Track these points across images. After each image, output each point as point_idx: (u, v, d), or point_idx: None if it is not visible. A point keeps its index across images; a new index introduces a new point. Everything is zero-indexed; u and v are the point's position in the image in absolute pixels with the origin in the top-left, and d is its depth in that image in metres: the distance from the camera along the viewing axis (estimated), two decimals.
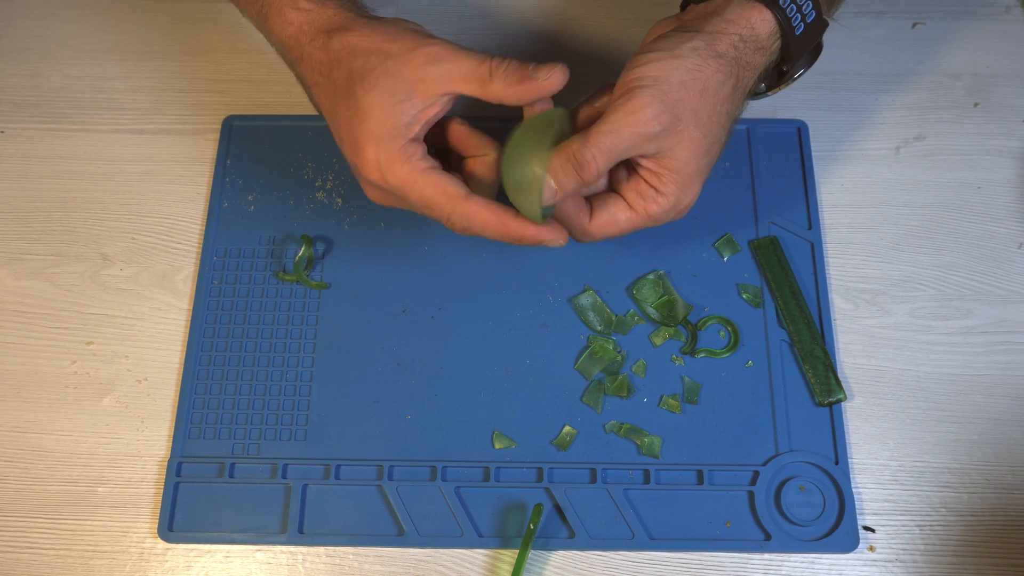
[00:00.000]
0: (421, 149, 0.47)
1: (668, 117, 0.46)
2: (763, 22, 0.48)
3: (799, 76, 0.52)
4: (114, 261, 0.62)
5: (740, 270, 0.60)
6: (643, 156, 0.47)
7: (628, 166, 0.50)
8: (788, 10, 0.48)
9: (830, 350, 0.57)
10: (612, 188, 0.51)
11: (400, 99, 0.46)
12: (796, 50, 0.50)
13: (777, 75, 0.53)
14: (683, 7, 0.53)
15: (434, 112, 0.47)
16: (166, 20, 0.71)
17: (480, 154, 0.50)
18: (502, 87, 0.46)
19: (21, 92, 0.68)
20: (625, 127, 0.45)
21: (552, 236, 0.48)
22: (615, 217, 0.49)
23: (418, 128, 0.46)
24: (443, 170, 0.47)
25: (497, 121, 0.51)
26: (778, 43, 0.50)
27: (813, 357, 0.57)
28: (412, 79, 0.46)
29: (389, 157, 0.46)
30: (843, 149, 0.65)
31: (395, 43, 0.47)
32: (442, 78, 0.46)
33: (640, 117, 0.45)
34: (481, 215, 0.47)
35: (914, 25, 0.69)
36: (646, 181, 0.48)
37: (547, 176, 0.46)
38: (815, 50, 0.52)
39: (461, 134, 0.50)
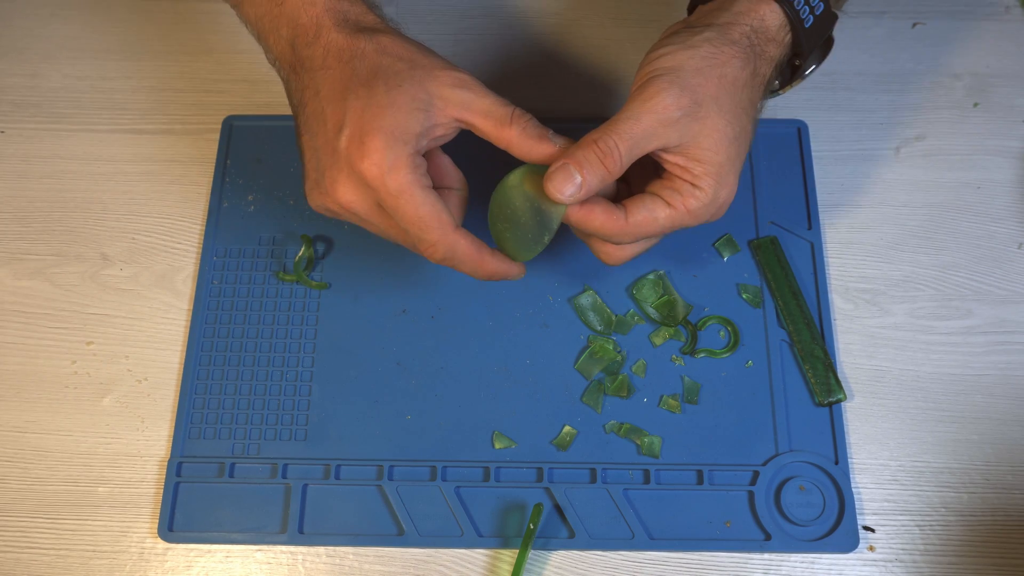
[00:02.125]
0: (424, 165, 0.46)
1: (687, 102, 0.45)
2: (772, 14, 0.49)
3: (811, 72, 0.52)
4: (114, 261, 0.62)
5: (740, 270, 0.60)
6: (668, 151, 0.47)
7: (658, 168, 0.49)
8: (796, 2, 0.49)
9: (830, 350, 0.57)
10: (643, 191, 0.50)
11: (418, 107, 0.45)
12: (807, 43, 0.50)
13: (791, 71, 0.53)
14: (690, 10, 0.53)
15: (442, 133, 0.46)
16: (166, 20, 0.71)
17: (454, 188, 0.50)
18: (518, 135, 0.46)
19: (21, 92, 0.68)
20: (644, 113, 0.45)
21: (519, 272, 0.50)
22: (654, 214, 0.48)
23: (426, 142, 0.46)
24: (438, 195, 0.46)
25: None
26: (789, 36, 0.50)
27: (813, 357, 0.57)
28: (434, 94, 0.45)
29: (397, 160, 0.44)
30: (843, 149, 0.65)
31: (426, 57, 0.47)
32: (461, 104, 0.46)
33: (658, 103, 0.45)
34: (465, 248, 0.47)
35: (914, 25, 0.69)
36: (679, 177, 0.48)
37: (571, 168, 0.45)
38: (826, 44, 0.52)
39: (443, 165, 0.50)
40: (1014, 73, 0.67)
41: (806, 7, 0.49)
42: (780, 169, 0.63)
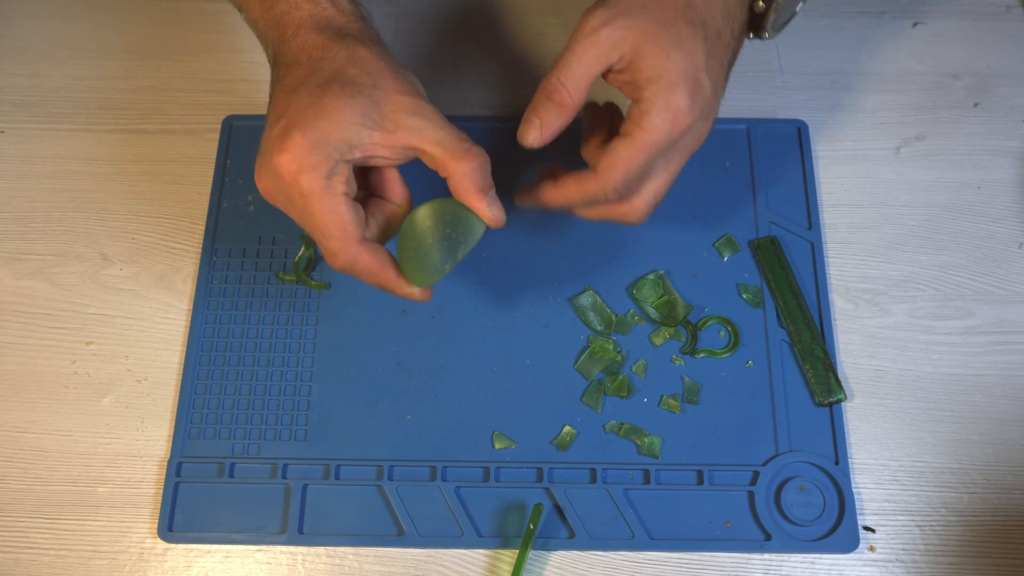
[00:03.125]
0: (348, 172, 0.45)
1: (611, 13, 0.46)
2: None
3: (785, 18, 0.52)
4: (114, 261, 0.62)
5: (740, 270, 0.60)
6: (615, 71, 0.47)
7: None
8: None
9: (830, 350, 0.57)
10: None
11: (364, 124, 0.44)
12: None
13: (758, 20, 0.52)
14: None
15: (386, 155, 0.46)
16: (166, 20, 0.71)
17: (396, 204, 0.49)
18: (468, 174, 0.46)
19: (21, 92, 0.68)
20: (575, 40, 0.46)
21: (423, 296, 0.49)
22: (617, 153, 0.47)
23: (359, 156, 0.45)
24: (355, 202, 0.46)
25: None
26: None
27: (813, 357, 0.57)
28: (387, 116, 0.45)
29: (317, 163, 0.43)
30: (843, 149, 0.65)
31: (393, 80, 0.46)
32: (413, 131, 0.45)
33: (584, 23, 0.46)
34: (367, 261, 0.46)
35: (914, 25, 0.69)
36: (634, 102, 0.47)
37: (529, 115, 0.48)
38: None
39: (391, 179, 0.49)
40: (1014, 73, 0.67)
41: None
42: (780, 169, 0.63)
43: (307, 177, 0.43)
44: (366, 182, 0.49)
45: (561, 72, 0.47)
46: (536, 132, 0.48)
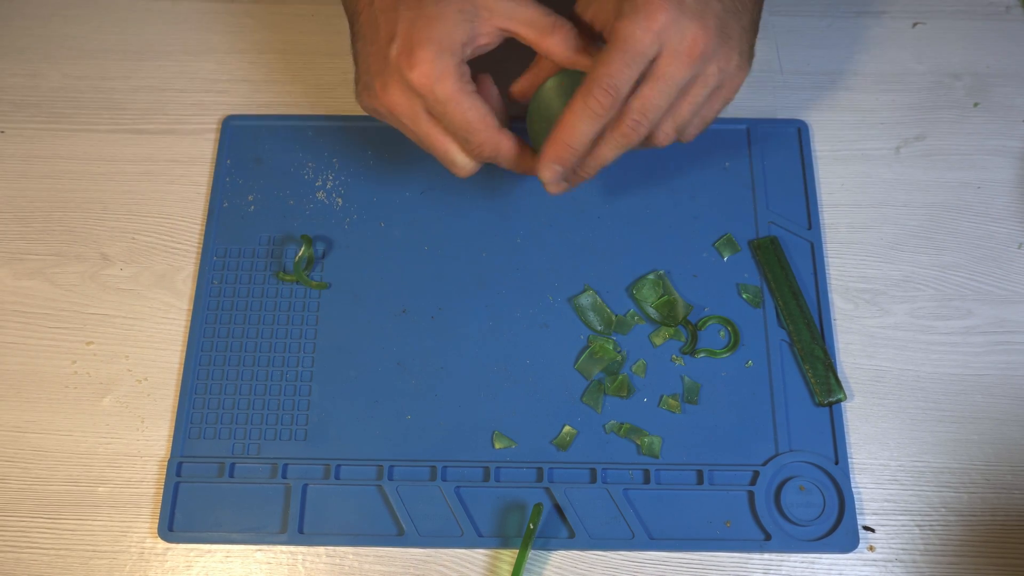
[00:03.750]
0: (469, 73, 0.49)
1: None
2: None
3: None
4: (114, 261, 0.62)
5: (740, 270, 0.60)
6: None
7: None
8: None
9: (830, 350, 0.57)
10: None
11: (465, 18, 0.48)
12: None
13: None
14: None
15: (487, 42, 0.49)
16: (166, 20, 0.71)
17: (492, 105, 0.52)
18: (560, 44, 0.50)
19: (21, 92, 0.68)
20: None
21: (554, 178, 0.51)
22: (596, 60, 0.47)
23: (470, 51, 0.49)
24: (482, 99, 0.50)
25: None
26: None
27: (813, 357, 0.57)
28: (480, 4, 0.48)
29: (445, 69, 0.47)
30: (843, 149, 0.65)
31: None
32: (505, 13, 0.49)
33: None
34: (509, 146, 0.51)
35: (914, 25, 0.69)
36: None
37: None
38: None
39: (490, 96, 0.52)
40: (1014, 73, 0.67)
41: None
42: (780, 169, 0.63)
43: (442, 85, 0.48)
44: None
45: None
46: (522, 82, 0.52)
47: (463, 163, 0.52)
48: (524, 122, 0.54)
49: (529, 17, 0.49)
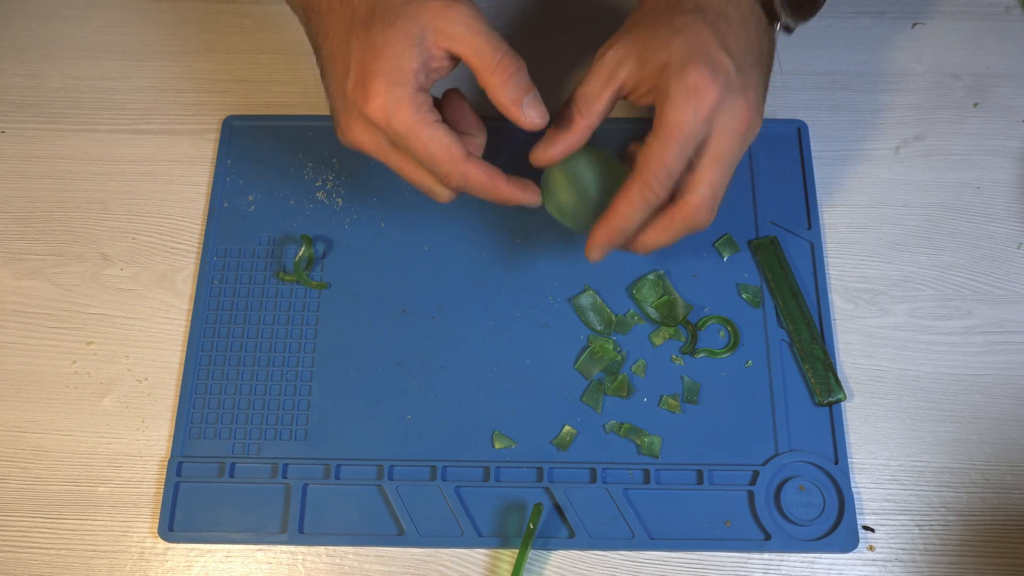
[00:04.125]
0: (429, 100, 0.47)
1: (615, 37, 0.48)
2: None
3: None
4: (114, 261, 0.62)
5: (740, 270, 0.60)
6: (635, 95, 0.49)
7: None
8: None
9: (830, 350, 0.57)
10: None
11: (412, 43, 0.45)
12: None
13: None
14: None
15: (439, 66, 0.47)
16: (166, 20, 0.71)
17: (470, 135, 0.51)
18: (499, 87, 0.46)
19: (21, 92, 0.68)
20: (589, 70, 0.48)
21: (534, 196, 0.50)
22: (648, 148, 0.47)
23: (425, 78, 0.46)
24: (447, 125, 0.47)
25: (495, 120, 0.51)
26: None
27: (813, 357, 0.57)
28: (427, 26, 0.45)
29: (399, 101, 0.45)
30: (843, 149, 0.65)
31: None
32: (452, 35, 0.46)
33: (597, 56, 0.48)
34: (476, 175, 0.48)
35: (914, 25, 0.69)
36: (657, 102, 0.48)
37: (544, 138, 0.49)
38: None
39: (460, 111, 0.50)
40: (1014, 73, 0.67)
41: None
42: (780, 169, 0.63)
43: (398, 118, 0.45)
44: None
45: (575, 93, 0.49)
46: (541, 150, 0.49)
47: (440, 192, 0.49)
48: (503, 121, 0.50)
49: (475, 45, 0.46)
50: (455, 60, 0.47)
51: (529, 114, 0.47)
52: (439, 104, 0.50)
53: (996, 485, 0.55)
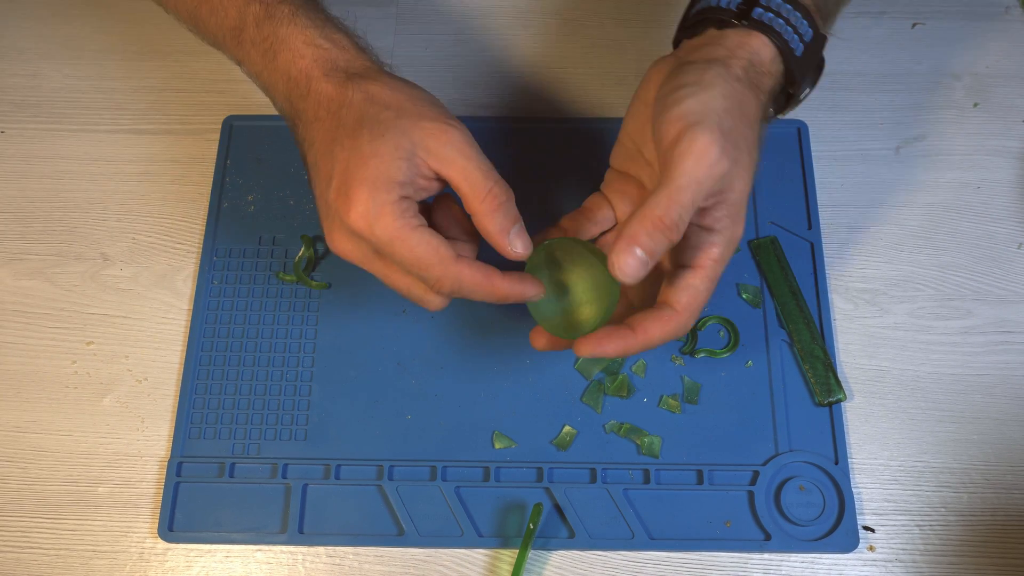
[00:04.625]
0: (415, 207, 0.45)
1: (731, 149, 0.43)
2: (763, 47, 0.47)
3: (806, 96, 0.52)
4: (114, 261, 0.62)
5: (740, 270, 0.60)
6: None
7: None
8: (784, 33, 0.47)
9: (830, 350, 0.57)
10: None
11: (401, 156, 0.44)
12: (799, 71, 0.49)
13: (785, 98, 0.51)
14: (676, 45, 0.51)
15: (426, 186, 0.45)
16: (166, 20, 0.70)
17: (461, 241, 0.48)
18: (486, 216, 0.45)
19: (21, 92, 0.68)
20: (701, 171, 0.42)
21: (536, 290, 0.48)
22: (695, 289, 0.45)
23: (412, 190, 0.44)
24: (432, 230, 0.45)
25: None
26: (781, 66, 0.48)
27: (813, 357, 0.57)
28: (418, 144, 0.44)
29: (381, 208, 0.43)
30: (843, 149, 0.65)
31: (415, 105, 0.45)
32: (444, 160, 0.44)
33: (710, 158, 0.42)
34: (470, 276, 0.45)
35: (914, 25, 0.69)
36: (697, 225, 0.45)
37: (638, 252, 0.42)
38: (818, 66, 0.51)
39: (450, 216, 0.48)
40: (1014, 73, 0.67)
41: (795, 36, 0.47)
42: (780, 169, 0.63)
43: (381, 224, 0.43)
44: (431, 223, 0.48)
45: (683, 208, 0.42)
46: (645, 268, 0.43)
47: (431, 299, 0.47)
48: (502, 122, 0.48)
49: (467, 171, 0.44)
50: (441, 183, 0.46)
51: (515, 244, 0.46)
52: (428, 210, 0.48)
53: (996, 485, 0.55)
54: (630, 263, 0.42)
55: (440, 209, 0.48)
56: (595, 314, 0.47)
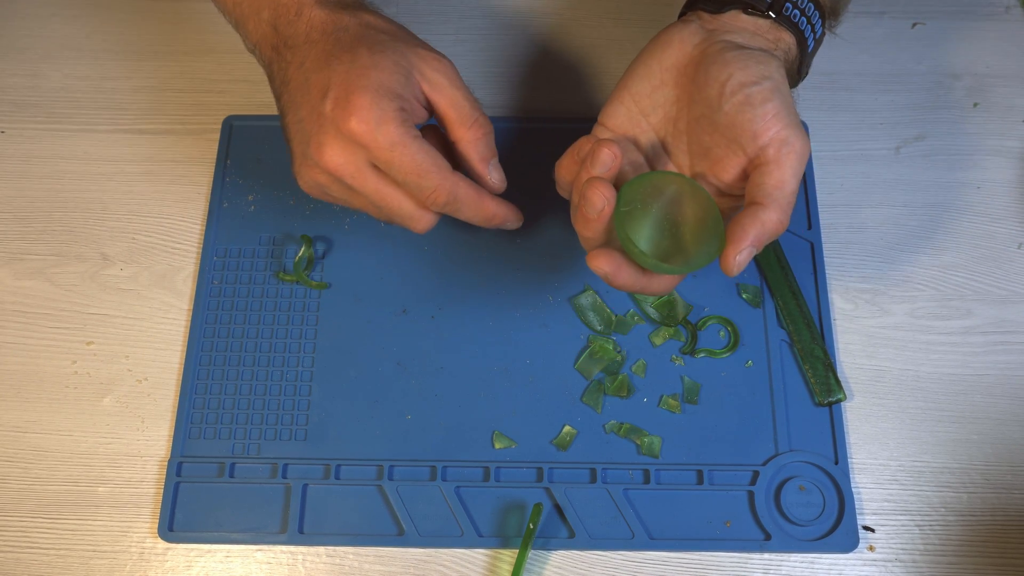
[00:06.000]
0: (412, 119, 0.46)
1: (790, 115, 0.45)
2: (792, 44, 0.48)
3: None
4: (114, 261, 0.62)
5: None
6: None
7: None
8: (805, 31, 0.48)
9: (830, 350, 0.57)
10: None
11: (401, 70, 0.45)
12: (806, 67, 0.50)
13: None
14: (688, 9, 0.51)
15: (414, 108, 0.46)
16: (166, 20, 0.71)
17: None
18: (472, 142, 0.48)
19: (21, 92, 0.68)
20: (799, 169, 0.44)
21: (517, 217, 0.51)
22: (759, 217, 0.44)
23: (408, 107, 0.46)
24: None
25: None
26: (797, 63, 0.49)
27: (813, 357, 0.57)
28: (414, 66, 0.46)
29: (384, 114, 0.44)
30: (843, 149, 0.65)
31: (409, 35, 0.48)
32: (436, 85, 0.47)
33: (804, 157, 0.44)
34: (465, 188, 0.47)
35: (914, 25, 0.69)
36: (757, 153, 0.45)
37: (751, 250, 0.44)
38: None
39: (438, 146, 0.49)
40: (1014, 73, 0.67)
41: (811, 33, 0.48)
42: None
43: (384, 130, 0.44)
44: None
45: (789, 205, 0.44)
46: (750, 259, 0.44)
47: (419, 217, 0.48)
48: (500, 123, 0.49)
49: (456, 99, 0.47)
50: (428, 112, 0.47)
51: (494, 175, 0.49)
52: None
53: (996, 485, 0.55)
54: (743, 261, 0.44)
55: (427, 138, 0.48)
56: (711, 250, 0.45)
